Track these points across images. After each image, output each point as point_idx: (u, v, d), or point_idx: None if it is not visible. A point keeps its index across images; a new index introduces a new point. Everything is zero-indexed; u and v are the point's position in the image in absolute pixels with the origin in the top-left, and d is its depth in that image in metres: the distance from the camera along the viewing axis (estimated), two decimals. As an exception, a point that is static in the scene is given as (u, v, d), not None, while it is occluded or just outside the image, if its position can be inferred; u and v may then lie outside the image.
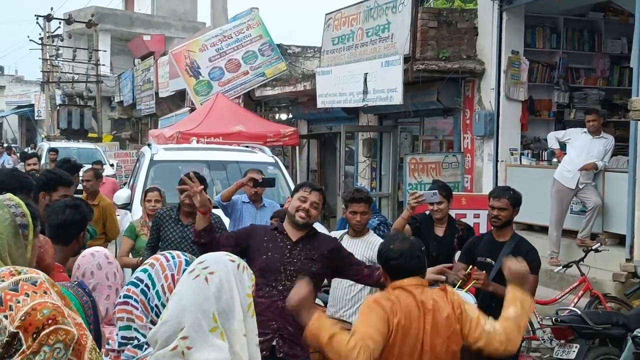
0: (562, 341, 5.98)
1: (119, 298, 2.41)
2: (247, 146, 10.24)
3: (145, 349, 2.26)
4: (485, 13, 10.33)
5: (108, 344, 2.49)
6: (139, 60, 28.31)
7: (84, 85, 32.15)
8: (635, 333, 5.27)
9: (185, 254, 2.45)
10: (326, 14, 13.04)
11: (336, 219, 11.47)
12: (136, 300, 2.33)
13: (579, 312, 5.98)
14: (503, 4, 9.93)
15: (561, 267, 7.64)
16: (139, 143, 25.64)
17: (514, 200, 4.97)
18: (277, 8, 75.18)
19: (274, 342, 4.05)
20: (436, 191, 5.59)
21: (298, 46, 16.99)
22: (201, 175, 6.04)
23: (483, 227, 7.64)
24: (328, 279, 4.51)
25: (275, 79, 15.50)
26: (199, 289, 2.06)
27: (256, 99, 16.58)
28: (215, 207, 6.18)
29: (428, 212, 5.96)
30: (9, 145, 31.62)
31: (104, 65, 32.39)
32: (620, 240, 8.19)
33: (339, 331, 3.06)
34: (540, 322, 7.05)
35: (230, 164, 8.74)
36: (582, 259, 7.42)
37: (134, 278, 2.38)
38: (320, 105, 12.51)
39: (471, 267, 4.83)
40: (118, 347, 2.36)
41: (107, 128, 32.99)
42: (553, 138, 9.09)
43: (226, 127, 12.41)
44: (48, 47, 33.49)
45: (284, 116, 16.72)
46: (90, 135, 29.11)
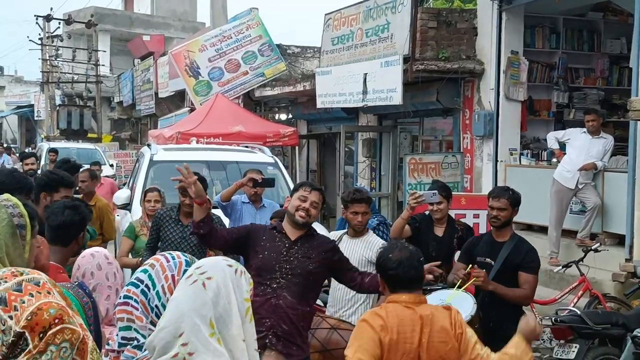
0: (562, 341, 5.98)
1: (119, 298, 2.41)
2: (247, 146, 10.23)
3: (144, 350, 2.26)
4: (484, 13, 10.33)
5: (108, 345, 2.49)
6: (139, 60, 28.30)
7: (84, 85, 32.16)
8: (634, 333, 5.27)
9: (185, 255, 2.46)
10: (326, 14, 13.03)
11: (336, 219, 11.47)
12: (136, 300, 2.33)
13: (579, 312, 5.98)
14: (502, 4, 9.93)
15: (561, 267, 7.64)
16: (139, 143, 25.64)
17: (513, 200, 4.98)
18: (277, 8, 75.18)
19: (267, 340, 4.00)
20: (436, 191, 5.60)
21: (298, 46, 16.98)
22: (201, 175, 6.05)
23: (482, 227, 7.64)
24: (324, 279, 4.50)
25: (274, 79, 15.50)
26: (197, 295, 2.06)
27: (256, 99, 16.57)
28: (215, 207, 6.17)
29: (428, 212, 5.96)
30: (9, 145, 31.56)
31: (104, 65, 32.39)
32: (619, 240, 8.19)
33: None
34: (539, 322, 7.05)
35: (229, 164, 8.74)
36: (582, 259, 7.42)
37: (134, 279, 2.38)
38: (319, 105, 12.50)
39: (471, 266, 4.84)
40: (118, 348, 2.36)
41: (107, 128, 32.98)
42: (552, 138, 9.09)
43: (226, 128, 12.41)
44: (48, 48, 33.49)
45: (284, 116, 16.71)
46: (89, 135, 29.13)
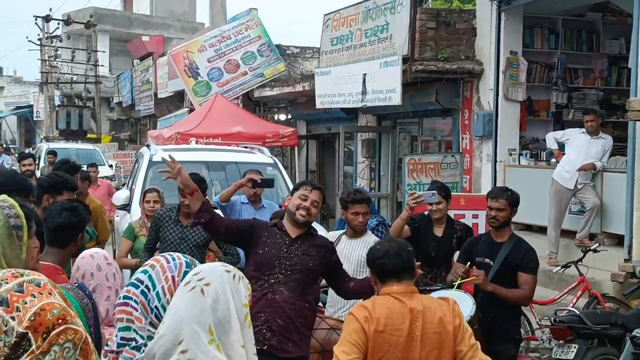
0: (561, 341, 5.98)
1: (119, 299, 2.41)
2: (246, 147, 10.23)
3: (142, 351, 2.26)
4: (483, 14, 10.33)
5: (107, 345, 2.49)
6: (138, 61, 28.30)
7: (83, 86, 32.13)
8: (634, 333, 5.27)
9: (185, 256, 2.46)
10: (325, 15, 13.03)
11: (335, 220, 11.47)
12: (136, 301, 2.33)
13: (578, 313, 5.98)
14: (501, 5, 9.94)
15: (560, 268, 7.64)
16: (138, 144, 25.64)
17: (512, 200, 4.98)
18: (276, 8, 75.11)
19: (261, 335, 3.97)
20: (435, 191, 5.60)
21: (297, 47, 16.97)
22: (200, 176, 6.05)
23: (482, 228, 7.64)
24: (321, 279, 4.50)
25: (274, 80, 15.50)
26: (195, 301, 2.05)
27: (255, 100, 16.57)
28: (214, 208, 6.16)
29: (427, 213, 5.95)
30: (8, 146, 31.56)
31: (103, 66, 32.38)
32: (618, 240, 8.19)
33: None
34: (538, 323, 7.06)
35: (229, 165, 8.74)
36: (581, 259, 7.42)
37: (135, 279, 2.38)
38: (319, 105, 12.50)
39: (469, 264, 4.84)
40: (117, 348, 2.36)
41: (106, 129, 32.97)
42: (551, 138, 9.10)
43: (225, 128, 12.41)
44: (47, 48, 33.46)
45: (283, 117, 16.70)
46: (89, 136, 29.12)
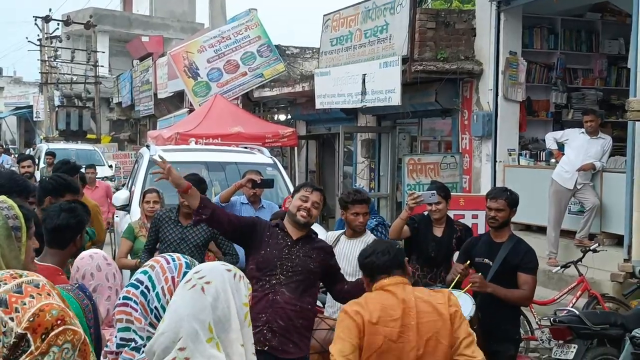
0: (561, 341, 5.98)
1: (119, 299, 2.41)
2: (246, 147, 10.23)
3: (142, 352, 2.27)
4: (483, 14, 10.33)
5: (107, 346, 2.49)
6: (138, 61, 28.29)
7: (83, 86, 32.15)
8: (633, 333, 5.28)
9: (185, 257, 2.46)
10: (324, 15, 13.03)
11: (334, 220, 11.47)
12: (136, 302, 2.34)
13: (577, 313, 5.99)
14: (501, 5, 9.94)
15: (559, 268, 7.64)
16: (138, 144, 25.65)
17: (511, 201, 4.98)
18: (276, 9, 75.10)
19: (262, 336, 3.98)
20: (434, 192, 5.60)
21: (296, 47, 16.97)
22: (200, 176, 6.05)
23: (481, 228, 7.64)
24: (320, 281, 4.51)
25: (273, 80, 15.49)
26: (195, 299, 2.06)
27: (255, 100, 16.57)
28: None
29: (426, 213, 5.96)
30: (7, 147, 31.53)
31: (103, 66, 32.41)
32: (618, 240, 8.19)
33: None
34: (538, 323, 7.06)
35: (228, 165, 8.74)
36: (580, 259, 7.42)
37: (134, 280, 2.39)
38: (318, 106, 12.51)
39: (468, 263, 4.85)
40: (116, 349, 2.36)
41: (106, 129, 32.97)
42: (551, 138, 9.10)
43: (225, 128, 12.40)
44: (46, 49, 33.48)
45: (283, 117, 16.70)
46: (88, 136, 29.14)
